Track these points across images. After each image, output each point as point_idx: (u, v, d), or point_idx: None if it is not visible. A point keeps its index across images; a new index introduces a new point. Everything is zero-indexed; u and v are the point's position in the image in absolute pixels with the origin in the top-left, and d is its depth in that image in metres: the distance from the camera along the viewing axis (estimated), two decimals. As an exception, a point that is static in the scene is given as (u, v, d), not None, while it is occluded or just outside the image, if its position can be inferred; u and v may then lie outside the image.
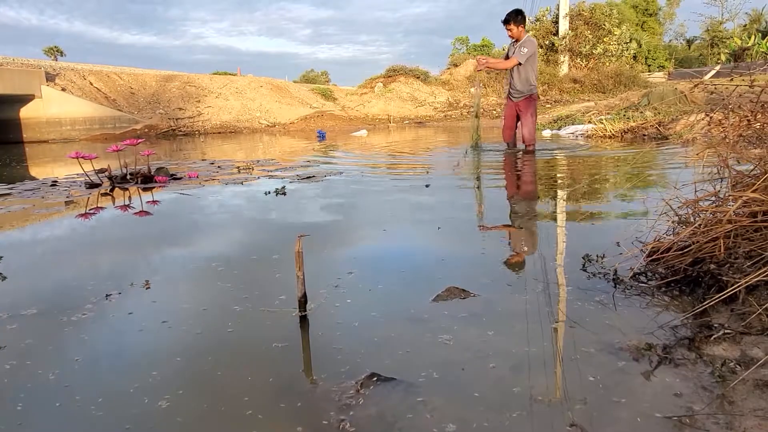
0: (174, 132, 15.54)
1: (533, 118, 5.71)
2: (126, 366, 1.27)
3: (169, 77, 18.17)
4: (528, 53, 5.43)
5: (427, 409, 1.05)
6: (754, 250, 1.41)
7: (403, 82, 21.97)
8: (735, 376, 1.08)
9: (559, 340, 1.32)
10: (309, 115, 18.48)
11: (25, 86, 13.21)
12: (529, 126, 5.68)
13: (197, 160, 6.65)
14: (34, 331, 1.48)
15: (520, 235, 2.44)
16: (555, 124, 10.87)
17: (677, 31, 40.96)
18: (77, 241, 2.68)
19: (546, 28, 22.22)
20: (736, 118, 1.74)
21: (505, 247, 2.22)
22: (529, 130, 5.68)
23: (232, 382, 1.18)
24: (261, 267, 2.04)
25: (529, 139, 5.70)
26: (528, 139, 5.70)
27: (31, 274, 2.09)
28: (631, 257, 1.76)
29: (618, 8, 24.48)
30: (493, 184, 4.07)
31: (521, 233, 2.46)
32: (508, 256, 2.12)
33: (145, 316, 1.57)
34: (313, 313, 1.52)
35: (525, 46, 5.44)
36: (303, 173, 4.73)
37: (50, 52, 26.20)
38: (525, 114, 5.68)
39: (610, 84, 18.72)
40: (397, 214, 2.94)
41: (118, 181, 4.42)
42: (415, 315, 1.50)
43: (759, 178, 1.54)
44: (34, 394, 1.15)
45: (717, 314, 1.36)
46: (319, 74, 42.51)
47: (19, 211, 3.43)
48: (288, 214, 3.07)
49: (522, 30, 5.49)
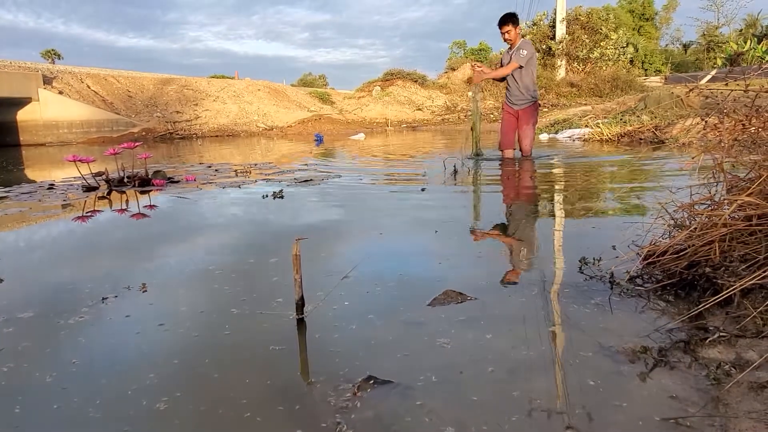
0: (171, 135, 15.54)
1: (533, 129, 5.48)
2: (123, 368, 1.27)
3: (167, 80, 18.17)
4: (528, 55, 5.20)
5: (424, 412, 1.05)
6: (749, 254, 1.42)
7: (400, 85, 22.03)
8: (730, 378, 1.08)
9: (556, 344, 1.33)
10: (306, 119, 18.51)
11: (22, 89, 13.20)
12: (529, 138, 5.45)
13: (195, 164, 6.65)
14: (30, 334, 1.48)
15: (517, 238, 2.45)
16: (552, 128, 10.91)
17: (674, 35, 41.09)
18: (74, 244, 2.68)
19: (543, 32, 22.33)
20: (731, 122, 1.76)
21: (502, 251, 2.23)
22: (529, 142, 5.45)
23: (230, 385, 1.18)
24: (258, 270, 2.04)
25: (527, 150, 5.47)
26: (526, 150, 5.47)
27: (27, 277, 2.09)
28: (628, 260, 1.77)
29: (615, 13, 24.61)
30: (490, 190, 4.08)
31: (518, 237, 2.47)
32: (505, 259, 2.12)
33: (142, 318, 1.56)
34: (310, 316, 1.53)
35: (524, 49, 5.22)
36: (300, 177, 4.74)
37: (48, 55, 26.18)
38: (526, 124, 5.41)
39: (607, 88, 18.82)
40: (394, 217, 2.94)
41: (116, 185, 4.42)
42: (412, 318, 1.50)
43: (754, 181, 1.55)
44: (32, 396, 1.15)
45: (712, 317, 1.36)
46: (316, 78, 42.54)
47: (16, 214, 3.42)
48: (285, 217, 3.07)
49: (518, 33, 5.30)
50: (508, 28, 5.21)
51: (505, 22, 5.21)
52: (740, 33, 30.89)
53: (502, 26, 5.24)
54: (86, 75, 16.17)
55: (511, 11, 5.29)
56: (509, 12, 5.27)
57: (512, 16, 5.23)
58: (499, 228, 2.68)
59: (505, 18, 5.22)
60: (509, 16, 5.22)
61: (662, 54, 32.49)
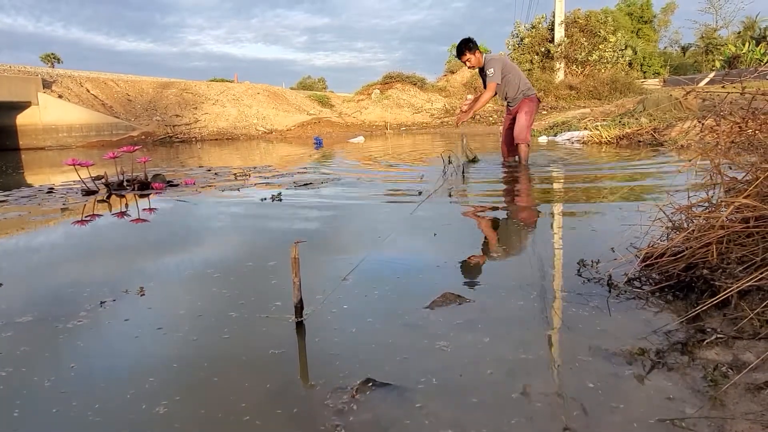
0: (171, 139, 15.56)
1: (528, 117, 5.17)
2: (122, 372, 1.27)
3: (166, 84, 18.19)
4: (496, 70, 5.05)
5: (422, 414, 1.05)
6: (746, 255, 1.42)
7: (399, 88, 22.06)
8: (727, 380, 1.09)
9: (554, 346, 1.33)
10: (306, 122, 18.53)
11: (21, 93, 13.20)
12: (521, 123, 5.14)
13: (194, 167, 6.66)
14: (29, 338, 1.48)
15: (516, 241, 2.45)
16: (551, 131, 10.93)
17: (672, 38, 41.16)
18: (73, 248, 2.68)
19: (542, 35, 22.37)
20: (727, 124, 1.76)
21: (500, 254, 2.23)
22: (520, 126, 5.14)
23: (229, 388, 1.18)
24: (257, 273, 2.05)
25: (521, 138, 5.14)
26: (519, 137, 5.15)
27: (26, 281, 2.09)
28: (626, 263, 1.77)
29: (613, 15, 24.66)
30: (485, 193, 4.09)
31: (516, 239, 2.48)
32: (503, 262, 2.13)
33: (141, 322, 1.57)
34: (308, 318, 1.53)
35: (490, 66, 5.07)
36: (300, 180, 4.74)
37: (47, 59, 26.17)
38: (520, 112, 5.18)
39: (606, 90, 18.84)
40: (393, 220, 2.95)
41: (115, 188, 4.42)
42: (410, 321, 1.51)
43: (751, 183, 1.56)
44: (31, 400, 1.15)
45: (710, 319, 1.37)
46: (316, 81, 42.57)
47: (15, 218, 3.43)
48: (284, 220, 3.08)
49: (480, 55, 5.11)
50: (467, 56, 5.09)
51: (461, 53, 5.10)
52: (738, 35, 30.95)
53: (460, 57, 5.14)
54: (86, 79, 16.18)
55: (464, 38, 5.10)
56: (461, 41, 5.09)
57: (465, 44, 5.05)
58: (497, 231, 2.68)
59: (460, 49, 5.09)
60: (462, 46, 5.06)
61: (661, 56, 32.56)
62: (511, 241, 2.45)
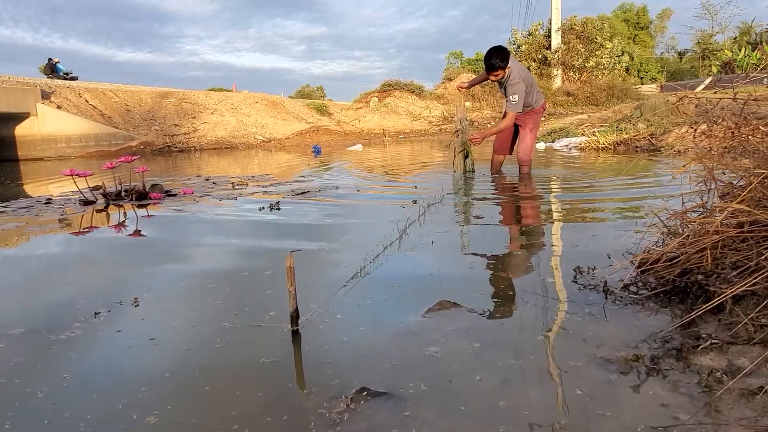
0: (170, 148, 15.58)
1: (533, 134, 4.85)
2: (114, 383, 1.27)
3: (165, 94, 18.24)
4: (519, 98, 4.49)
5: (416, 423, 1.05)
6: (741, 260, 1.42)
7: (397, 96, 22.14)
8: (721, 385, 1.08)
9: (549, 352, 1.33)
10: (304, 130, 18.57)
11: (20, 104, 13.24)
12: (526, 143, 4.83)
13: (192, 177, 6.66)
14: (22, 349, 1.48)
15: (513, 248, 2.45)
16: (549, 137, 10.95)
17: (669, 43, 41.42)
18: (69, 258, 2.67)
19: (538, 42, 22.51)
20: (720, 130, 1.77)
21: (496, 261, 2.23)
22: (525, 147, 4.84)
23: (222, 397, 1.18)
24: (253, 283, 2.04)
25: (525, 159, 4.88)
26: (523, 159, 4.88)
27: (20, 292, 2.08)
28: (622, 269, 1.77)
29: (610, 22, 24.81)
30: (483, 198, 4.09)
31: (513, 247, 2.48)
32: (499, 269, 2.12)
33: (134, 333, 1.56)
34: (303, 327, 1.52)
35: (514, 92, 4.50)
36: (298, 189, 4.75)
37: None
38: (524, 128, 4.83)
39: (603, 96, 18.93)
40: (390, 228, 2.94)
41: (113, 198, 4.42)
42: (406, 329, 1.50)
43: (745, 188, 1.56)
44: (23, 412, 1.15)
45: (705, 324, 1.36)
46: (314, 89, 42.70)
47: (12, 228, 3.42)
48: (281, 229, 3.08)
49: (508, 68, 4.50)
50: (498, 72, 4.51)
51: (493, 69, 4.48)
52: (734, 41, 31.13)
53: (492, 72, 4.52)
54: (84, 89, 16.23)
55: (495, 47, 4.48)
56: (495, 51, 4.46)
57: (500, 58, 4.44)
58: (494, 238, 2.68)
59: (492, 66, 4.46)
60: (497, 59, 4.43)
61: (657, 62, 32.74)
62: (508, 249, 2.45)
